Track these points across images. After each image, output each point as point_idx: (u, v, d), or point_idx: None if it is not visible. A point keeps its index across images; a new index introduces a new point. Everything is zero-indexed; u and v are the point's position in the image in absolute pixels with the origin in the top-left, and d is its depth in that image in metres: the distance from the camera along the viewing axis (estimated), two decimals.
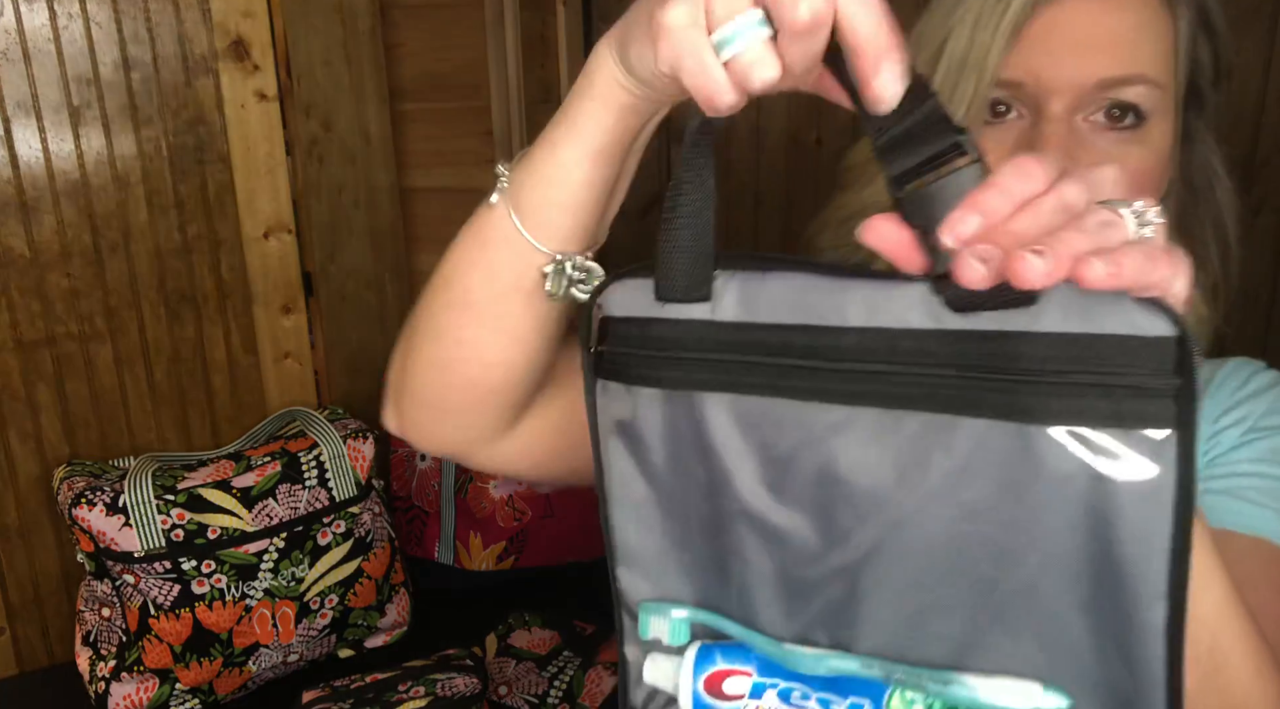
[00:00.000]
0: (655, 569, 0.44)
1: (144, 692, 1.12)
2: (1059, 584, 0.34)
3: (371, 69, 1.51)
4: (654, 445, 0.42)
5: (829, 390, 0.36)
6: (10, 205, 1.19)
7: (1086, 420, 0.32)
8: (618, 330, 0.42)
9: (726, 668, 0.43)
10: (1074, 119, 0.55)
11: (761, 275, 0.38)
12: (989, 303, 0.33)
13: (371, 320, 1.57)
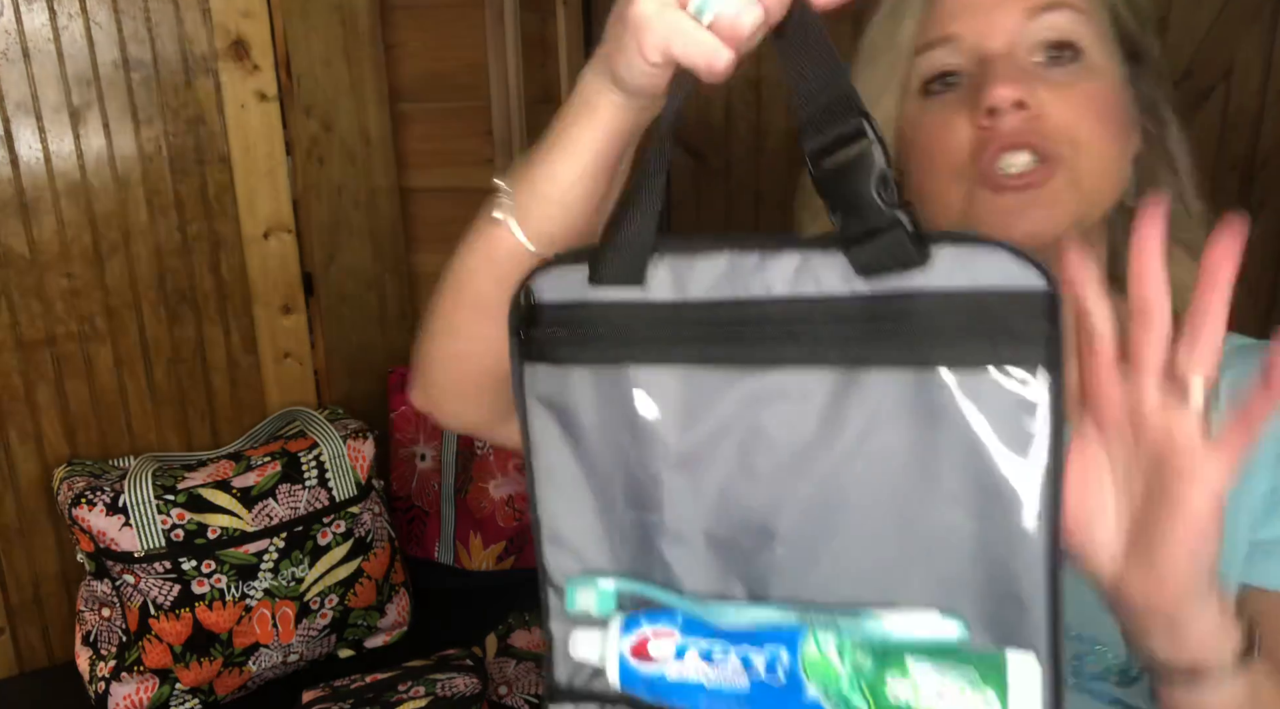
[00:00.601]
0: (582, 545, 0.46)
1: (144, 692, 1.12)
2: (953, 517, 0.38)
3: (371, 69, 1.51)
4: (582, 422, 0.44)
5: (755, 356, 0.40)
6: (10, 205, 1.19)
7: (971, 362, 0.36)
8: (549, 314, 0.44)
9: (652, 632, 0.44)
10: (1016, 57, 0.56)
11: (690, 256, 0.41)
12: (890, 266, 0.37)
13: (371, 320, 1.58)
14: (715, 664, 0.43)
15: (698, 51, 0.39)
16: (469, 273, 0.53)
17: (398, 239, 1.60)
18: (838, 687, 0.40)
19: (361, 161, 1.52)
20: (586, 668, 0.47)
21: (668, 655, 0.44)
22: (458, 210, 1.87)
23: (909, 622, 0.39)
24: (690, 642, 0.44)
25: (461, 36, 1.57)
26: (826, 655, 0.41)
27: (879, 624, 0.40)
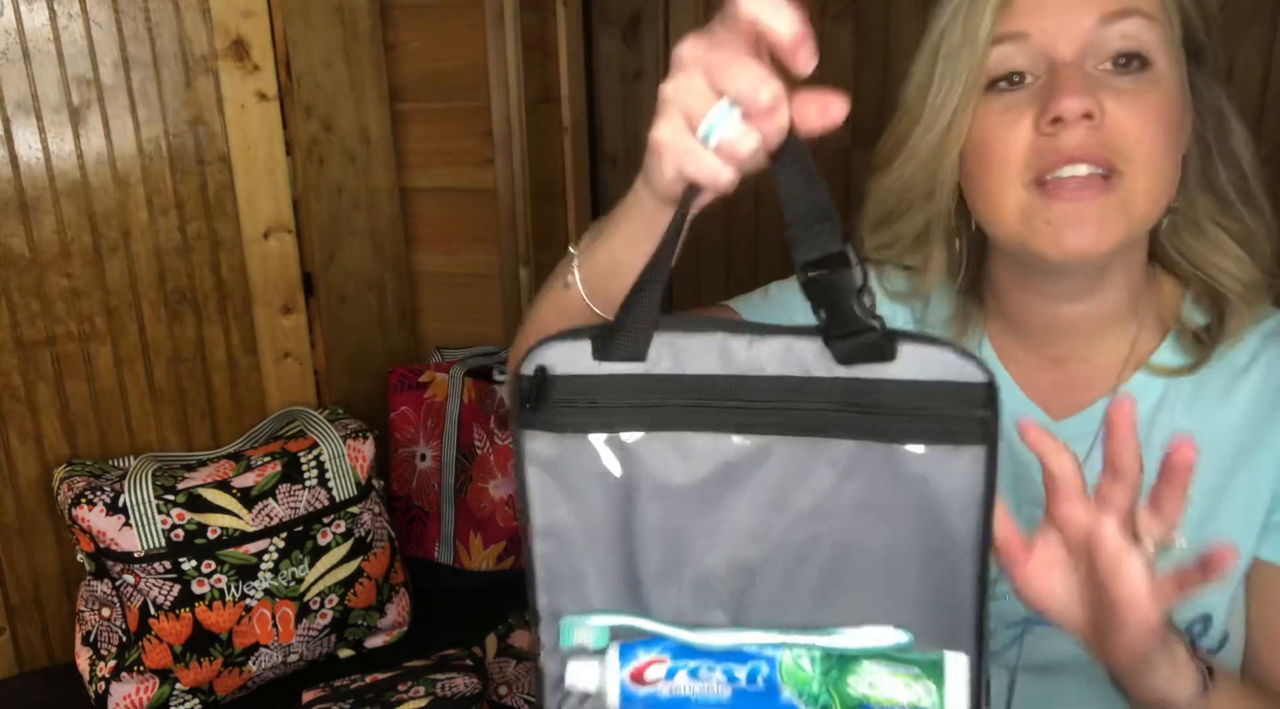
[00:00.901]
0: (575, 589, 0.51)
1: (144, 692, 1.12)
2: (907, 554, 0.46)
3: (371, 69, 1.51)
4: (579, 481, 0.49)
5: (751, 423, 0.46)
6: (10, 205, 1.19)
7: (925, 439, 0.44)
8: (558, 385, 0.48)
9: (647, 659, 0.51)
10: (1085, 65, 0.59)
11: (686, 335, 0.47)
12: (864, 358, 0.44)
13: (371, 320, 1.58)
14: (701, 680, 0.50)
15: (703, 171, 0.45)
16: (544, 322, 0.63)
17: (398, 239, 1.60)
18: (809, 688, 0.49)
19: (361, 161, 1.52)
20: (574, 695, 0.52)
21: (660, 677, 0.50)
22: (458, 210, 1.89)
23: (869, 636, 0.48)
24: (679, 664, 0.50)
25: (461, 36, 1.57)
26: (800, 664, 0.49)
27: (845, 640, 0.48)
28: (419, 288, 1.69)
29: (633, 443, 0.48)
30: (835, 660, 0.49)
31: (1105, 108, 0.57)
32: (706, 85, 0.44)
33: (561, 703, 0.52)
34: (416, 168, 1.64)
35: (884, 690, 0.48)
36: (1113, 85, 0.58)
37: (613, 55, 2.28)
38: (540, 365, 0.48)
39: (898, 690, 0.48)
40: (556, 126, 1.80)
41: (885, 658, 0.48)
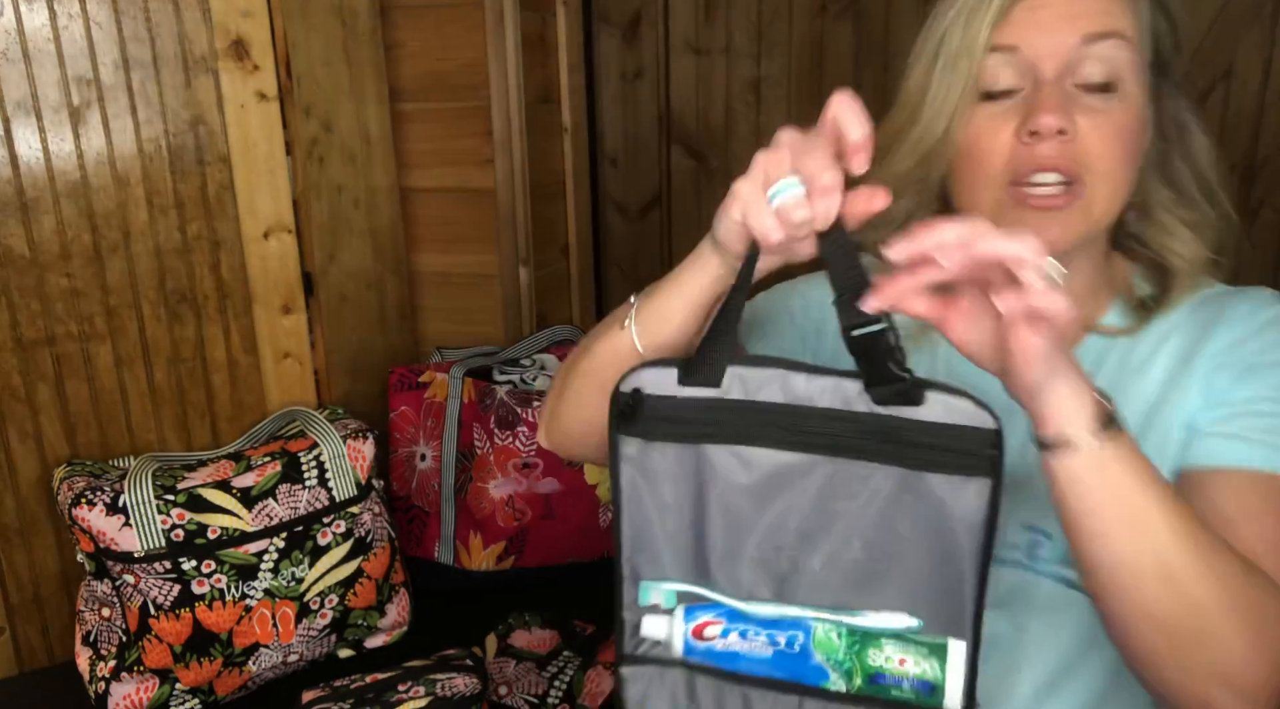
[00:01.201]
0: (652, 558, 0.63)
1: (144, 692, 1.12)
2: (921, 558, 0.57)
3: (371, 69, 1.51)
4: (660, 477, 0.61)
5: (804, 443, 0.57)
6: (10, 205, 1.19)
7: (944, 469, 0.55)
8: (648, 403, 0.60)
9: (706, 620, 0.64)
10: (1065, 83, 0.68)
11: (755, 369, 0.58)
12: (897, 402, 0.55)
13: (371, 320, 1.58)
14: (748, 640, 0.63)
15: (759, 224, 0.57)
16: (599, 361, 0.72)
17: (398, 239, 1.60)
18: (836, 655, 0.61)
19: (361, 161, 1.52)
20: (648, 641, 0.65)
21: (716, 635, 0.64)
22: (458, 210, 1.89)
23: (886, 619, 0.60)
24: (732, 626, 0.63)
25: (461, 36, 1.57)
26: (829, 636, 0.61)
27: (866, 622, 0.60)
28: (419, 288, 1.69)
29: (705, 451, 0.59)
30: (859, 636, 0.61)
31: (1077, 125, 0.67)
32: (788, 162, 0.56)
33: (637, 647, 0.65)
34: (416, 168, 1.64)
35: (896, 664, 0.60)
36: (1085, 103, 0.68)
37: (613, 55, 2.28)
38: (636, 387, 0.60)
39: (908, 665, 0.60)
40: (556, 126, 1.80)
41: (899, 638, 0.60)
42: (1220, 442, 0.69)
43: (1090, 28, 0.67)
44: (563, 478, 1.41)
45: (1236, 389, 0.70)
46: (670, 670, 0.65)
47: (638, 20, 2.26)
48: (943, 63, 0.71)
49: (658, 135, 2.32)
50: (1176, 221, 0.74)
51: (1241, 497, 0.66)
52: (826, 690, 0.61)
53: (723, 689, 0.64)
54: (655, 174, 2.35)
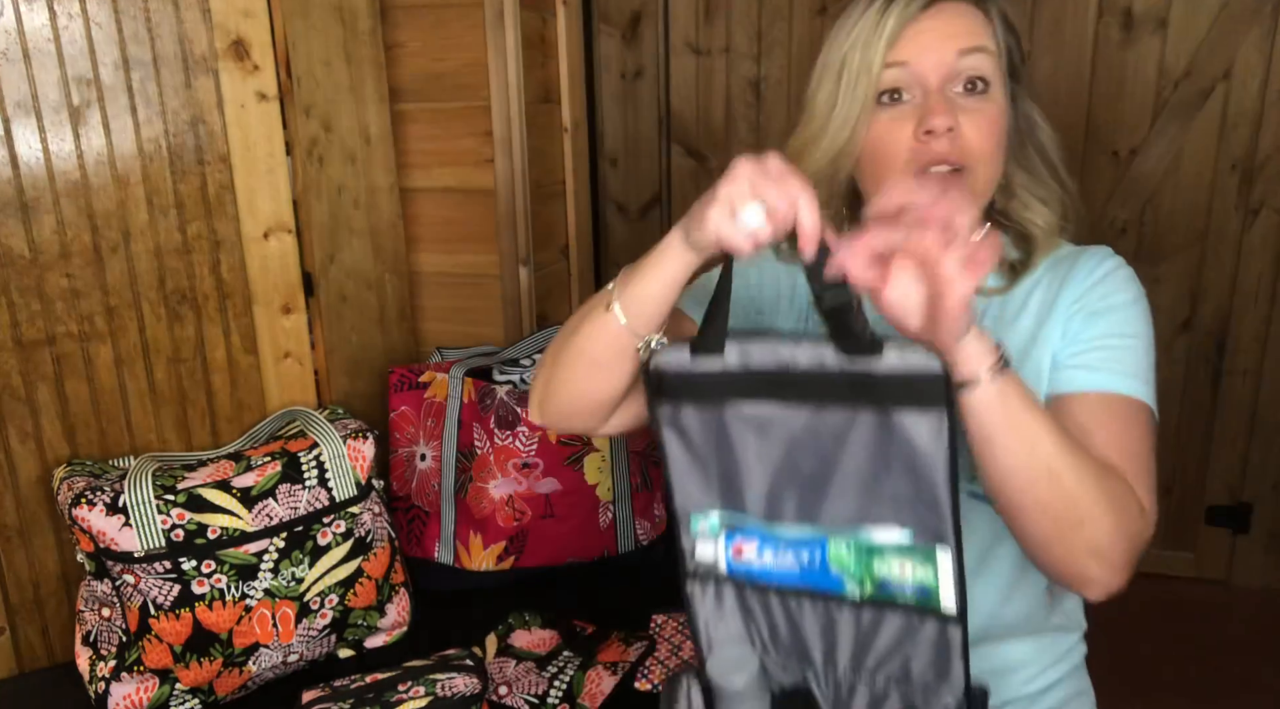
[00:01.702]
0: (695, 493, 0.80)
1: (144, 692, 1.12)
2: (900, 477, 0.70)
3: (371, 69, 1.51)
4: (691, 432, 0.78)
5: (790, 397, 0.73)
6: (10, 205, 1.19)
7: (905, 405, 0.68)
8: (669, 377, 0.76)
9: (742, 541, 0.79)
10: (946, 90, 0.84)
11: (748, 342, 0.73)
12: (861, 353, 0.69)
13: (371, 320, 1.58)
14: (778, 557, 0.78)
15: (731, 241, 0.70)
16: (586, 339, 0.84)
17: (398, 239, 1.61)
18: (848, 565, 0.75)
19: (361, 161, 1.52)
20: (704, 563, 0.81)
21: (752, 554, 0.79)
22: (458, 210, 1.89)
23: (884, 533, 0.73)
24: (764, 546, 0.78)
25: (461, 36, 1.57)
26: (841, 551, 0.75)
27: (869, 534, 0.74)
28: (419, 288, 1.69)
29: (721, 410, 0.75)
30: (865, 549, 0.74)
31: (960, 122, 0.83)
32: (749, 191, 0.69)
33: (696, 570, 0.82)
34: (416, 168, 1.64)
35: (898, 572, 0.73)
36: (964, 105, 0.84)
37: (613, 55, 2.28)
38: (657, 367, 0.76)
39: (908, 572, 0.73)
40: (556, 126, 1.81)
41: (899, 549, 0.73)
42: (1077, 372, 0.86)
43: (963, 44, 0.84)
44: (563, 478, 1.41)
45: (1086, 329, 0.87)
46: (723, 585, 0.82)
47: (638, 20, 2.26)
48: (845, 80, 0.86)
49: (658, 135, 2.32)
50: (1032, 197, 0.91)
51: (1095, 412, 0.84)
52: (845, 597, 0.76)
53: (767, 598, 0.80)
54: (655, 174, 2.35)
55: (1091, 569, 0.76)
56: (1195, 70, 2.10)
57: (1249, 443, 2.27)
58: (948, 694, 0.76)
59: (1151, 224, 2.22)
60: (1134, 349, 0.87)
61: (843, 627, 0.78)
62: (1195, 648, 2.09)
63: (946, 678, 0.75)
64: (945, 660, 0.74)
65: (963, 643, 0.73)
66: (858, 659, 0.79)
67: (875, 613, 0.75)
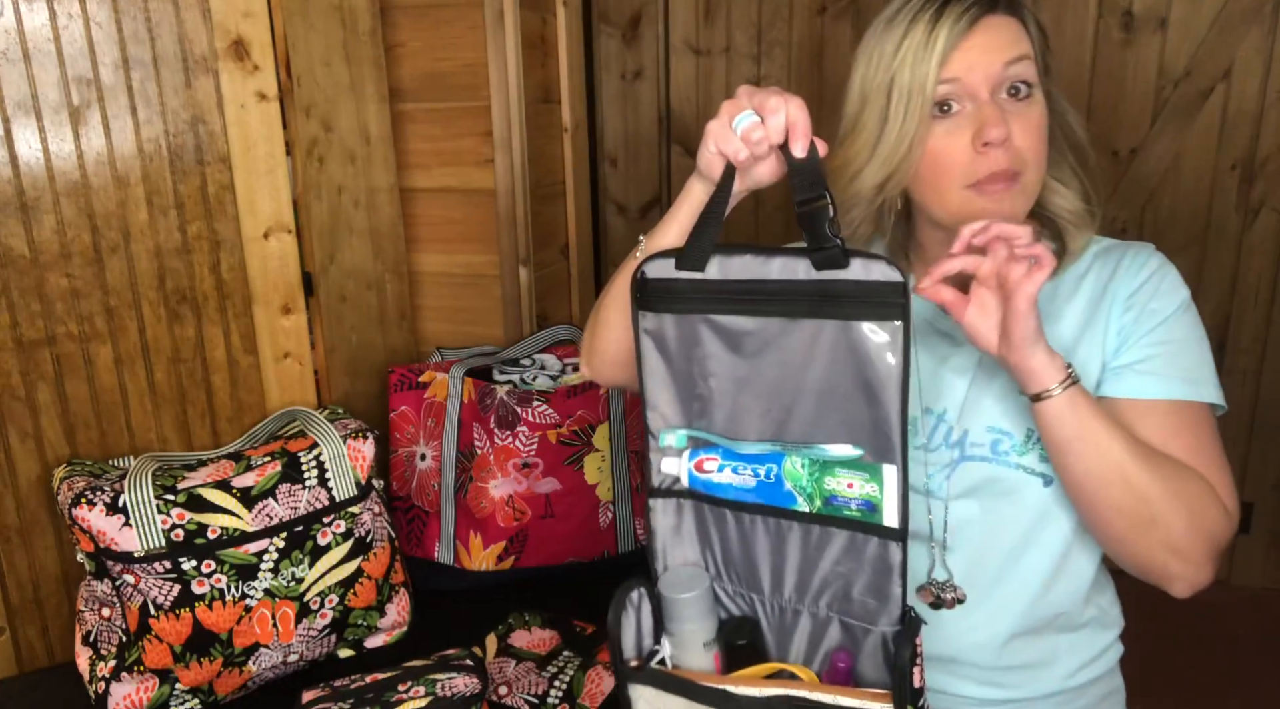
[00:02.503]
0: (666, 411, 0.85)
1: (144, 692, 1.12)
2: (856, 394, 0.74)
3: (371, 69, 1.51)
4: (668, 342, 0.82)
5: (761, 309, 0.76)
6: (10, 205, 1.19)
7: (866, 317, 0.72)
8: (652, 285, 0.81)
9: (704, 457, 0.84)
10: (997, 98, 0.89)
11: (728, 255, 0.77)
12: (831, 266, 0.72)
13: (371, 320, 1.58)
14: (737, 473, 0.82)
15: (729, 148, 0.77)
16: (620, 288, 0.91)
17: (398, 239, 1.60)
18: (800, 482, 0.79)
19: (361, 161, 1.52)
20: (668, 477, 0.86)
21: (713, 470, 0.83)
22: (458, 210, 1.89)
23: (836, 450, 0.77)
24: (725, 463, 0.82)
25: (461, 36, 1.57)
26: (795, 467, 0.79)
27: (822, 451, 0.78)
28: (419, 288, 1.69)
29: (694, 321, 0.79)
30: (819, 465, 0.78)
31: (1012, 129, 0.88)
32: (745, 103, 0.77)
33: (661, 482, 0.87)
34: (416, 168, 1.64)
35: (845, 487, 0.77)
36: (1012, 110, 0.89)
37: (613, 55, 2.28)
38: (644, 272, 0.80)
39: (855, 488, 0.77)
40: (556, 126, 1.80)
41: (847, 465, 0.77)
42: (1146, 380, 0.90)
43: (1008, 55, 0.88)
44: (563, 478, 1.41)
45: (1143, 332, 0.91)
46: (684, 502, 0.87)
47: (638, 20, 2.26)
48: (896, 97, 0.90)
49: (658, 135, 2.32)
50: (1055, 181, 0.96)
51: (1167, 421, 0.88)
52: (796, 512, 0.80)
53: (723, 516, 0.85)
54: (655, 174, 2.35)
55: (1172, 566, 0.81)
56: (1195, 70, 2.10)
57: (1249, 443, 2.27)
58: (884, 620, 0.78)
59: (1151, 224, 2.22)
60: (1195, 353, 0.91)
61: (791, 546, 0.81)
62: (1195, 648, 2.09)
63: (885, 602, 0.78)
64: (885, 582, 0.77)
65: (902, 564, 0.76)
66: (803, 581, 0.82)
67: (822, 531, 0.79)
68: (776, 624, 0.86)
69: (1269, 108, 2.09)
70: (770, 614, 0.86)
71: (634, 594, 0.85)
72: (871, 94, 0.92)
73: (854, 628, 0.81)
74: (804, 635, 0.84)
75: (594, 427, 1.42)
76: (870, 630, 0.79)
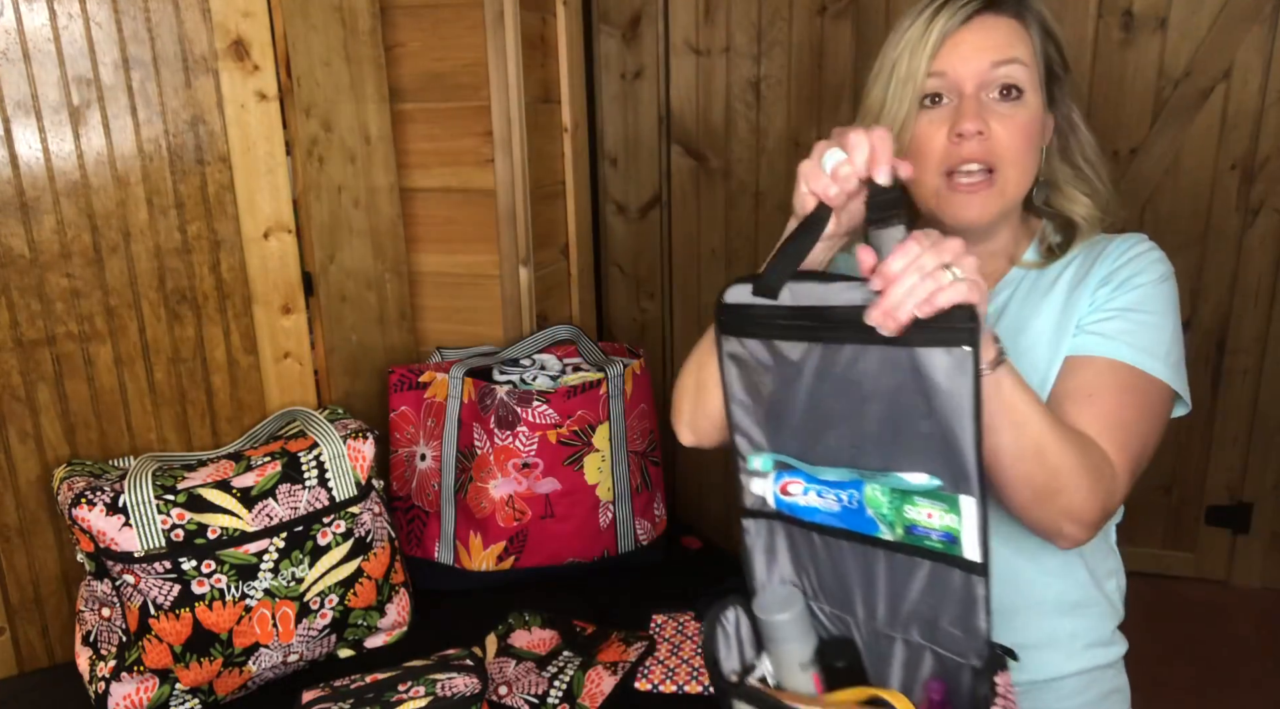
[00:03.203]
0: (752, 434, 0.87)
1: (144, 692, 1.12)
2: (929, 422, 0.73)
3: (371, 69, 1.51)
4: (749, 367, 0.83)
5: (832, 335, 0.77)
6: (10, 205, 1.19)
7: (934, 343, 0.70)
8: (731, 310, 0.83)
9: (789, 480, 0.85)
10: (981, 96, 0.91)
11: (798, 282, 0.78)
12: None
13: (371, 320, 1.58)
14: (821, 497, 0.82)
15: (818, 186, 0.78)
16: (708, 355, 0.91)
17: (398, 239, 1.60)
18: (882, 509, 0.79)
19: (361, 161, 1.52)
20: (758, 499, 0.88)
21: (798, 493, 0.84)
22: (458, 210, 1.89)
23: (913, 478, 0.76)
24: (809, 486, 0.83)
25: (461, 36, 1.57)
26: (875, 495, 0.79)
27: (900, 479, 0.77)
28: (419, 288, 1.69)
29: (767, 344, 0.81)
30: (898, 494, 0.77)
31: (991, 127, 0.91)
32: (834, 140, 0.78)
33: (751, 503, 0.88)
34: (416, 168, 1.64)
35: (926, 517, 0.76)
36: (996, 110, 0.91)
37: (613, 55, 2.28)
38: (724, 298, 0.82)
39: (934, 518, 0.76)
40: (556, 126, 1.80)
41: (927, 495, 0.76)
42: (1093, 337, 0.93)
43: (997, 56, 0.91)
44: (563, 478, 1.41)
45: (1110, 300, 0.94)
46: (775, 523, 0.88)
47: (638, 20, 2.26)
48: (894, 83, 0.94)
49: (658, 135, 2.32)
50: (1075, 191, 1.00)
51: (1100, 377, 0.91)
52: (879, 539, 0.80)
53: (811, 538, 0.86)
54: (655, 174, 2.35)
55: (1065, 527, 0.85)
56: (1195, 70, 2.10)
57: (1249, 443, 2.27)
58: (973, 653, 0.77)
59: (1151, 224, 2.22)
60: (1154, 326, 0.92)
61: (879, 571, 0.81)
62: (1195, 648, 2.09)
63: (972, 635, 0.76)
64: (970, 615, 0.76)
65: (985, 598, 0.75)
66: (893, 607, 0.82)
67: (907, 559, 0.79)
68: (873, 648, 0.86)
69: (1269, 108, 2.09)
70: (866, 638, 0.86)
71: (729, 613, 0.86)
72: (880, 77, 0.97)
73: (946, 659, 0.80)
74: (900, 662, 0.84)
75: (594, 426, 1.42)
76: (962, 664, 0.79)
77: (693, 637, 1.29)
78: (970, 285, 0.69)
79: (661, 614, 1.33)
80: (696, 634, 1.29)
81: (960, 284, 0.69)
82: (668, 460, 2.32)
